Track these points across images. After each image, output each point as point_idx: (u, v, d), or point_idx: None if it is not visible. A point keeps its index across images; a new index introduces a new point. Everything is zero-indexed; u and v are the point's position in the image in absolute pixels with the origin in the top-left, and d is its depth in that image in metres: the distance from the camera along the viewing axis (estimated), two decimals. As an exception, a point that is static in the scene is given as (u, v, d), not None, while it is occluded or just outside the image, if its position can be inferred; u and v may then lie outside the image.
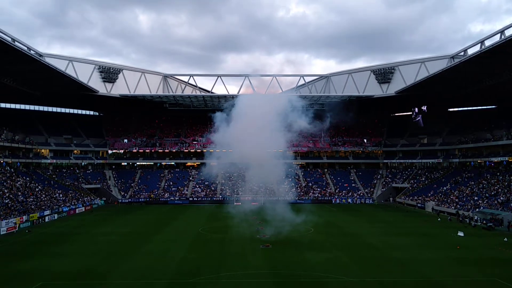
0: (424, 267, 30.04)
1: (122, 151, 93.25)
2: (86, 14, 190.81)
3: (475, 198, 62.15)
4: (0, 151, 70.36)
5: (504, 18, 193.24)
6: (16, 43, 50.89)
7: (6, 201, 56.18)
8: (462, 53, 66.41)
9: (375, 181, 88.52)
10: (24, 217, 52.64)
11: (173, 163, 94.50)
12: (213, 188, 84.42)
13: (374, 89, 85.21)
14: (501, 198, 57.82)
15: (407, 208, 72.10)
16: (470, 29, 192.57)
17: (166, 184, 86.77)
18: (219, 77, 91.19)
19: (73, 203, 67.81)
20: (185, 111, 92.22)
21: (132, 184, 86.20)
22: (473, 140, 77.57)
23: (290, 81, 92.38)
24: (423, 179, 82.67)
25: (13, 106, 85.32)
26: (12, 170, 70.51)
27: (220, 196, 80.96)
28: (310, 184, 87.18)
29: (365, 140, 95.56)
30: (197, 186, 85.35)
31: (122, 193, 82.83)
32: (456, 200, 64.62)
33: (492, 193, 61.43)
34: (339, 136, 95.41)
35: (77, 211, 65.90)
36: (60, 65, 67.10)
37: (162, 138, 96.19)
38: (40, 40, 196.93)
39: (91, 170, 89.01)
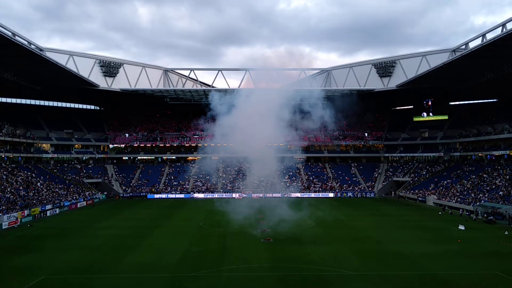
0: (425, 261, 30.10)
1: (123, 145, 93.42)
2: (85, 7, 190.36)
3: (476, 191, 62.16)
4: (1, 145, 70.45)
5: (507, 11, 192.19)
6: (17, 38, 50.78)
7: (8, 196, 56.35)
8: (464, 47, 66.18)
9: (376, 175, 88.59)
10: (26, 212, 52.84)
11: (174, 157, 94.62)
12: (214, 182, 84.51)
13: (375, 83, 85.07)
14: (502, 192, 57.79)
15: (408, 201, 72.21)
16: (473, 22, 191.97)
17: (167, 178, 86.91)
18: (219, 71, 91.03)
19: (74, 197, 67.98)
20: (186, 105, 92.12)
21: (133, 179, 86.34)
22: (474, 134, 77.45)
23: (291, 74, 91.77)
24: (424, 172, 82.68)
25: (14, 100, 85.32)
26: (13, 164, 70.66)
27: (221, 190, 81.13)
28: (311, 178, 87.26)
29: (366, 134, 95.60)
30: (198, 180, 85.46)
31: (123, 188, 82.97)
32: (457, 193, 64.65)
33: (493, 186, 61.44)
34: (340, 130, 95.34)
35: (78, 206, 66.12)
36: (61, 60, 67.00)
37: (163, 132, 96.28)
38: (40, 34, 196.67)
39: (92, 165, 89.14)
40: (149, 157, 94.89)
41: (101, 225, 47.28)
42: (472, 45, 60.88)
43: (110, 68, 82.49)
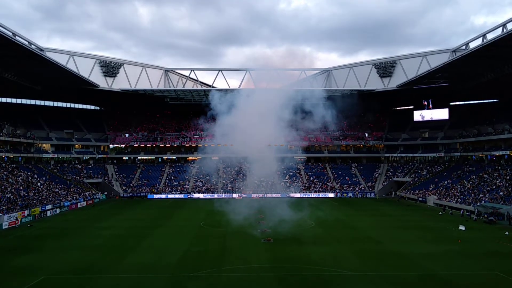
0: (425, 261, 30.09)
1: (124, 145, 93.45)
2: (85, 7, 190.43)
3: (477, 192, 62.11)
4: (2, 145, 70.47)
5: (508, 11, 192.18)
6: (17, 38, 50.75)
7: (8, 196, 56.35)
8: (464, 47, 66.13)
9: (377, 175, 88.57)
10: (26, 212, 52.83)
11: (174, 157, 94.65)
12: (214, 182, 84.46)
13: (376, 83, 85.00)
14: (503, 192, 57.73)
15: (408, 202, 72.16)
16: (474, 22, 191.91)
17: (167, 178, 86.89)
18: (220, 71, 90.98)
19: (74, 197, 67.98)
20: (186, 106, 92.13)
21: (134, 179, 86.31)
22: (475, 134, 77.43)
23: (291, 74, 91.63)
24: (425, 173, 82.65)
25: (14, 100, 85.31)
26: (13, 164, 70.66)
27: (222, 190, 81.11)
28: (312, 178, 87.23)
29: (366, 134, 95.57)
30: (199, 181, 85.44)
31: (124, 188, 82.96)
32: (458, 194, 64.62)
33: (494, 187, 61.40)
34: (340, 130, 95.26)
35: (78, 206, 66.10)
36: (61, 60, 66.97)
37: (163, 132, 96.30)
38: (40, 34, 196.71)
39: (92, 165, 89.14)
40: (149, 157, 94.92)
41: (101, 225, 47.26)
42: (472, 45, 60.85)
43: (110, 68, 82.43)
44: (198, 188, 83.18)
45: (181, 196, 79.38)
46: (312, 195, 79.29)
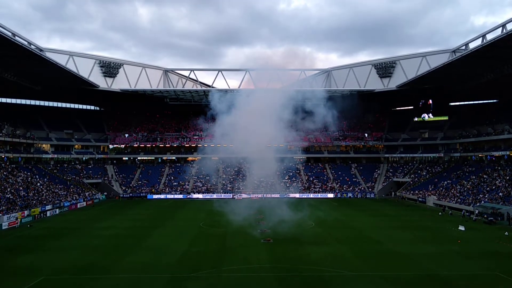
0: (426, 261, 30.08)
1: (123, 145, 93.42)
2: (85, 7, 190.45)
3: (476, 192, 62.10)
4: (1, 146, 70.45)
5: (508, 11, 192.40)
6: (17, 38, 50.78)
7: (8, 196, 56.31)
8: (464, 47, 66.24)
9: (376, 176, 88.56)
10: (26, 212, 52.79)
11: (174, 157, 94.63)
12: (214, 183, 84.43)
13: (375, 83, 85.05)
14: (502, 192, 57.73)
15: (408, 202, 72.15)
16: (474, 22, 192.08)
17: (167, 178, 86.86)
18: (219, 72, 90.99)
19: (74, 197, 67.95)
20: (186, 106, 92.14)
21: (133, 179, 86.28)
22: (474, 134, 77.44)
23: (291, 75, 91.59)
24: (424, 173, 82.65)
25: (14, 100, 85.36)
26: (13, 165, 70.63)
27: (221, 191, 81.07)
28: (311, 179, 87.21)
29: (366, 135, 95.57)
30: (198, 181, 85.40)
31: (123, 188, 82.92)
32: (457, 194, 64.62)
33: (493, 187, 61.40)
34: (340, 130, 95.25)
35: (78, 206, 66.06)
36: (61, 60, 66.99)
37: (163, 132, 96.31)
38: (40, 34, 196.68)
39: (92, 165, 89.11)
40: (149, 158, 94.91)
41: (101, 225, 47.22)
42: (472, 45, 61.04)
43: (110, 68, 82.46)
44: (198, 188, 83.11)
45: (180, 196, 79.24)
46: (312, 195, 79.26)
